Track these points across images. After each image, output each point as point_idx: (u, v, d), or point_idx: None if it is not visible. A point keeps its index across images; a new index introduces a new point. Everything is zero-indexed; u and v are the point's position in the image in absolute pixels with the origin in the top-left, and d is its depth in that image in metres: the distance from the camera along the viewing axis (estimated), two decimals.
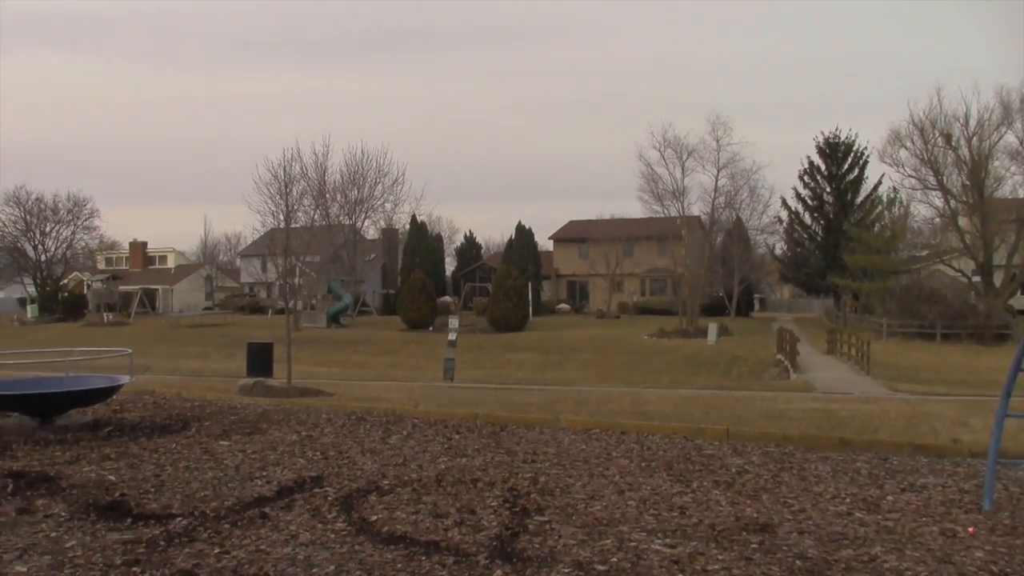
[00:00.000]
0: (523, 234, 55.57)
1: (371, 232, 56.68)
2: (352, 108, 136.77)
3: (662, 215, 46.33)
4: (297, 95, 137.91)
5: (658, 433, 9.49)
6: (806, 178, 53.81)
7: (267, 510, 5.95)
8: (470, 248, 66.51)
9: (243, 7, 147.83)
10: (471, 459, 7.99)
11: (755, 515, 5.87)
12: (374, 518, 5.77)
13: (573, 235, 61.45)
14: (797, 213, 54.44)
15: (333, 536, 5.34)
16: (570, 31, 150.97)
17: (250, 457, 8.08)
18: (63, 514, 5.85)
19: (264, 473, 7.31)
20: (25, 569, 4.66)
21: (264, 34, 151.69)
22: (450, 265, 68.96)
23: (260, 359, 17.32)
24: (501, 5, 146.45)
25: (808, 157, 53.69)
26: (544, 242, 63.61)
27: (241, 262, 71.00)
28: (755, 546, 5.12)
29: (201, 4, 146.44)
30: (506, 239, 61.62)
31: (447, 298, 51.84)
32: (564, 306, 57.02)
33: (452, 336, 20.61)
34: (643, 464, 7.73)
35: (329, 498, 6.35)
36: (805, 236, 54.32)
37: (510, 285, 40.15)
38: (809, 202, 53.89)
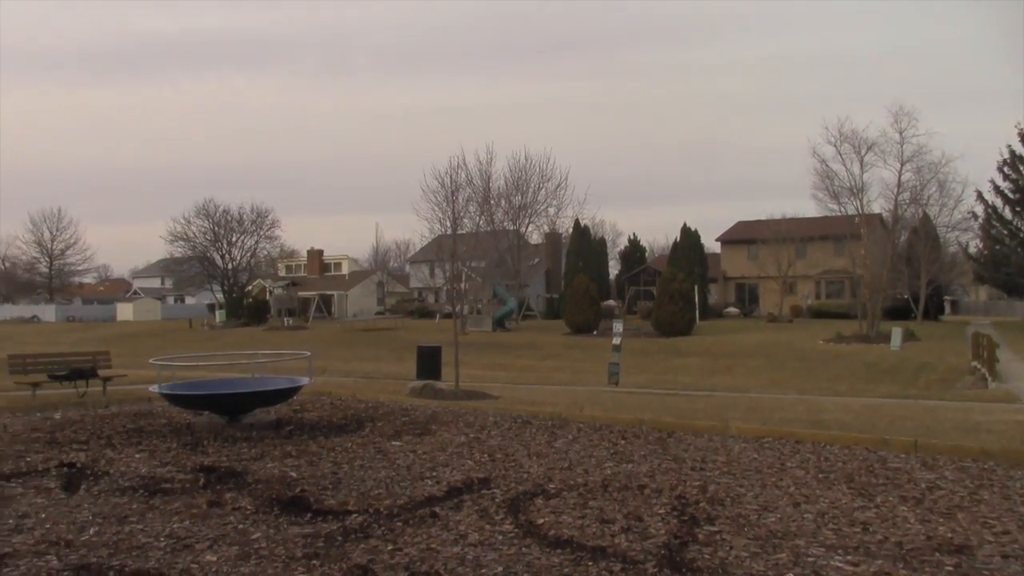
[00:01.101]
0: (688, 236, 54.32)
1: (535, 237, 57.24)
2: (515, 114, 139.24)
3: (838, 213, 43.85)
4: (461, 103, 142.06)
5: (836, 443, 8.95)
6: (1006, 169, 49.26)
7: (437, 510, 6.08)
8: (634, 251, 65.79)
9: (408, 19, 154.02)
10: (637, 465, 7.84)
11: (949, 535, 5.38)
12: (541, 521, 5.76)
13: (741, 236, 59.47)
14: (995, 208, 49.94)
15: (501, 537, 5.37)
16: (734, 27, 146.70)
17: (421, 457, 8.31)
18: (249, 507, 6.22)
19: (434, 473, 7.49)
20: (215, 558, 4.98)
21: (430, 44, 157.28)
22: (614, 269, 68.51)
23: (429, 362, 17.78)
24: (662, 5, 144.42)
25: (1009, 146, 49.04)
26: (711, 244, 61.93)
27: (410, 268, 73.73)
28: (950, 568, 4.69)
29: (369, 19, 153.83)
30: (671, 241, 60.50)
31: (611, 302, 51.53)
32: (732, 309, 55.24)
33: (616, 340, 20.38)
34: (820, 476, 7.30)
35: (497, 500, 6.41)
36: (1005, 232, 49.73)
37: (676, 288, 39.34)
38: (1010, 195, 49.29)
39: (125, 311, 73.04)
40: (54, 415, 11.82)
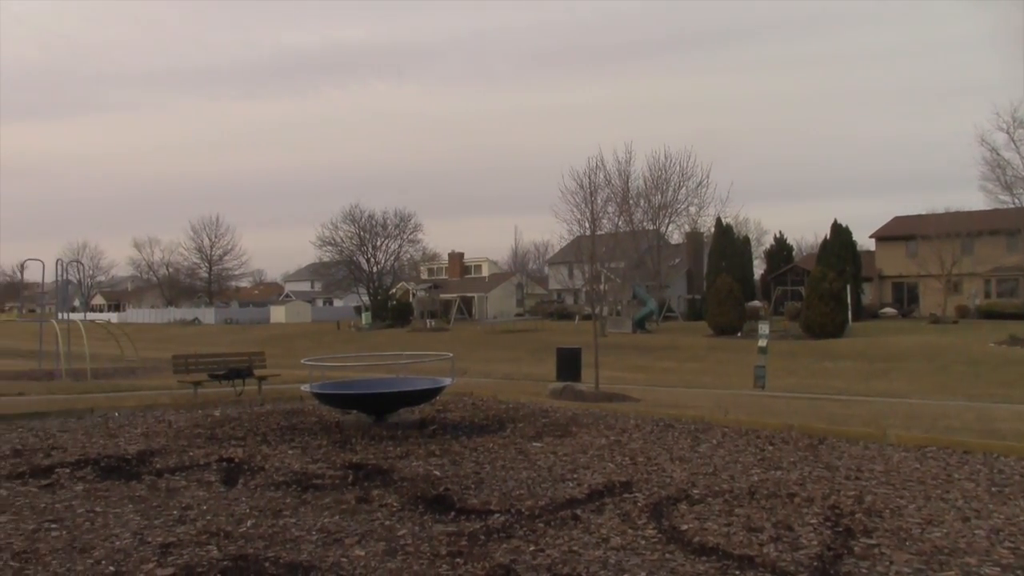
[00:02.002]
0: (839, 233, 51.70)
1: (675, 236, 56.18)
2: (654, 111, 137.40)
3: (1011, 205, 40.57)
4: (600, 103, 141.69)
5: (1012, 455, 8.25)
6: None
7: (578, 512, 6.03)
8: (780, 250, 63.38)
9: (546, 21, 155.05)
10: (787, 472, 7.51)
11: None
12: (685, 527, 5.61)
13: (898, 232, 56.07)
14: None
15: (643, 542, 5.26)
16: (886, 13, 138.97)
17: (561, 459, 8.28)
18: (395, 504, 6.37)
19: (575, 476, 7.44)
20: (363, 553, 5.12)
21: (567, 45, 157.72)
22: (758, 268, 66.32)
23: (569, 364, 17.76)
24: None
25: None
26: (864, 241, 58.81)
27: (549, 269, 74.00)
28: None
29: (507, 22, 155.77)
30: (820, 239, 57.90)
31: (756, 303, 49.90)
32: (889, 310, 52.21)
33: (762, 342, 19.66)
34: (993, 489, 6.74)
35: (639, 504, 6.30)
36: None
37: (826, 288, 37.59)
38: None
39: (278, 313, 77.27)
40: (214, 412, 12.56)
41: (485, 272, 74.46)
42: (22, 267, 31.25)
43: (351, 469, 7.78)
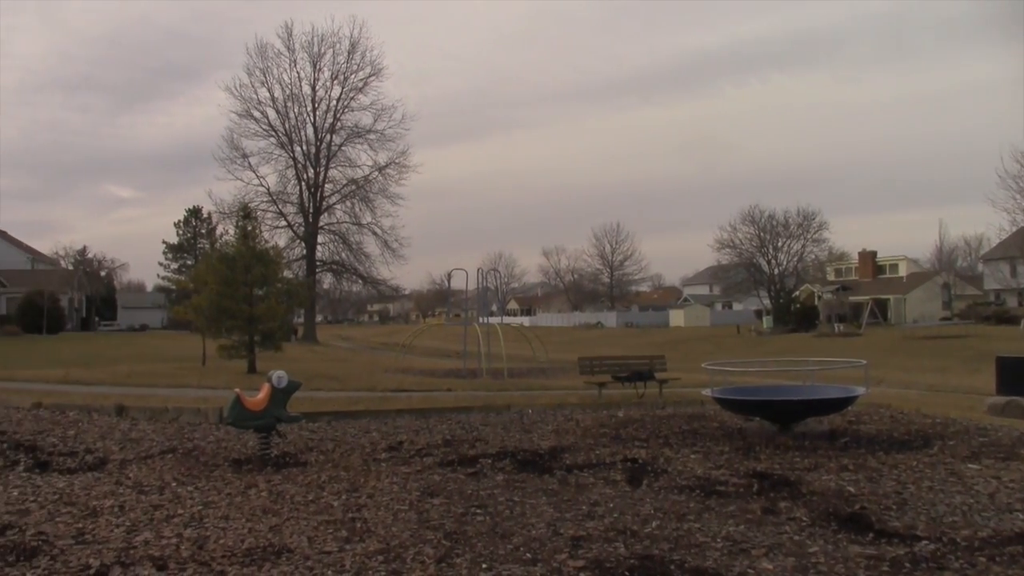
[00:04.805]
0: None
1: None
2: None
3: None
4: None
5: None
6: None
7: None
8: None
9: None
10: None
11: None
12: None
13: None
14: None
15: None
16: None
17: (1006, 485, 7.15)
18: (804, 519, 5.97)
19: None
20: (771, 567, 4.84)
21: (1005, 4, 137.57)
22: None
23: (1013, 375, 15.36)
24: None
25: None
26: None
27: (984, 267, 65.28)
28: None
29: None
30: None
31: None
32: None
33: None
34: None
35: None
36: None
37: None
38: None
39: (676, 317, 78.54)
40: (617, 413, 13.01)
41: (902, 271, 67.91)
42: (449, 276, 35.64)
43: (755, 478, 7.50)
